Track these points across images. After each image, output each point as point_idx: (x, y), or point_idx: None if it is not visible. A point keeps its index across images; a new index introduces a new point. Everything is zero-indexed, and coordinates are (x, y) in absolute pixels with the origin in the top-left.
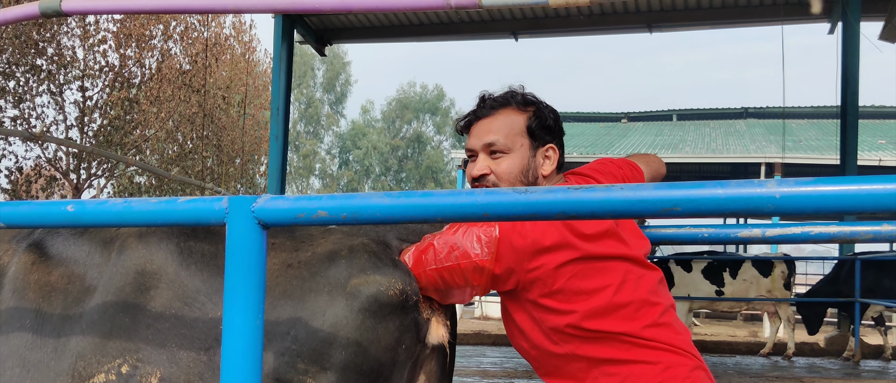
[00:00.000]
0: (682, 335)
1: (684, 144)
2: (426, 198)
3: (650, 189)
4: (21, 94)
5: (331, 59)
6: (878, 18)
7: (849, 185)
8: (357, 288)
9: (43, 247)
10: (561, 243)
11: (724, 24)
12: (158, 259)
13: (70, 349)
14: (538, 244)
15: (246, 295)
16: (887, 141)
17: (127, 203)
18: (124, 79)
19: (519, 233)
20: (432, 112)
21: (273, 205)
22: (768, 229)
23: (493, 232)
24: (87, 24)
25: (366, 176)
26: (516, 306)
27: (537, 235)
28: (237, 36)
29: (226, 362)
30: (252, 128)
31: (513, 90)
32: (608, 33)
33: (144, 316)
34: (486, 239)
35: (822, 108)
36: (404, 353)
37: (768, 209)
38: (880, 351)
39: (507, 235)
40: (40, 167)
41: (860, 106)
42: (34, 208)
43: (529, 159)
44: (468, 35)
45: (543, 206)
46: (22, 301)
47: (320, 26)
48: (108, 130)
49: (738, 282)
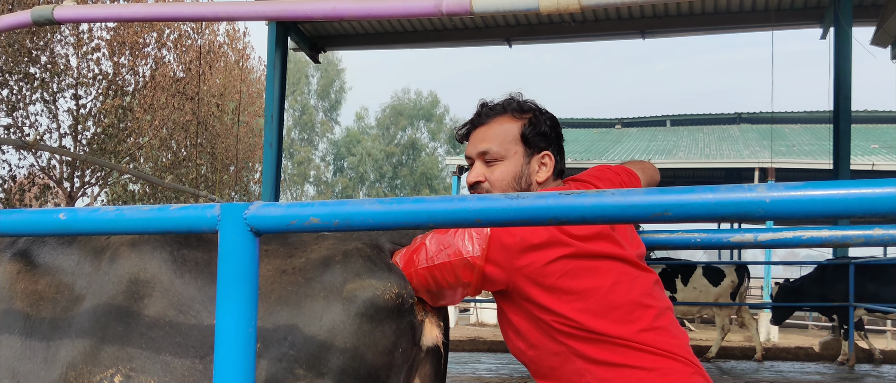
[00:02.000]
0: (679, 339)
1: (678, 150)
2: (418, 204)
3: (641, 194)
4: (14, 103)
5: (325, 66)
6: (869, 24)
7: (839, 189)
8: (353, 293)
9: (28, 255)
10: (550, 240)
11: (716, 30)
12: (152, 267)
13: (60, 359)
14: (527, 242)
15: (238, 301)
16: (880, 145)
17: (119, 211)
18: (118, 87)
19: (508, 231)
20: (427, 118)
21: (265, 212)
22: (761, 233)
23: (485, 230)
24: (80, 32)
25: (360, 183)
26: (512, 307)
27: (526, 233)
28: (231, 43)
29: (218, 369)
30: (246, 136)
31: (511, 97)
32: (602, 40)
33: (138, 324)
34: (477, 236)
35: (816, 113)
36: (400, 357)
37: (759, 213)
38: (873, 355)
39: (497, 233)
40: (34, 176)
41: (853, 111)
42: (26, 216)
43: (523, 166)
44: (462, 41)
45: (535, 212)
46: (9, 310)
47: (314, 33)
48: (102, 138)
49: (689, 289)
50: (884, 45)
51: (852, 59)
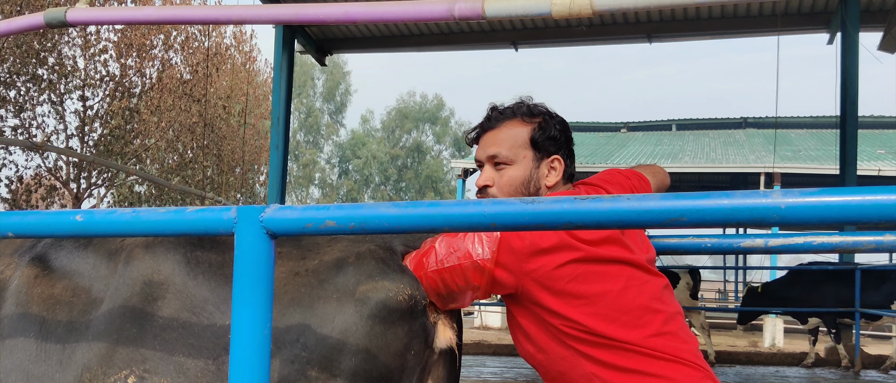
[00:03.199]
0: (689, 344)
1: (684, 154)
2: (433, 207)
3: (656, 199)
4: (22, 104)
5: (331, 68)
6: (877, 29)
7: (852, 196)
8: (366, 295)
9: (46, 260)
10: (560, 244)
11: (723, 35)
12: (166, 269)
13: (76, 361)
14: (536, 245)
15: (254, 303)
16: (886, 151)
17: (136, 213)
18: (125, 88)
19: (517, 235)
20: (432, 121)
21: (281, 214)
22: (771, 239)
23: (494, 233)
24: (88, 34)
25: (365, 185)
26: (521, 310)
27: (535, 237)
28: (238, 46)
29: (234, 370)
30: (252, 138)
31: (521, 101)
32: (608, 43)
33: (152, 326)
34: (487, 240)
35: (822, 118)
36: (413, 359)
37: (773, 219)
38: (881, 361)
39: (507, 236)
40: (40, 176)
41: (859, 116)
42: (43, 218)
43: (532, 170)
44: (469, 45)
45: (550, 216)
46: (25, 314)
47: (321, 36)
48: (109, 140)
49: None
50: (891, 50)
51: (859, 64)
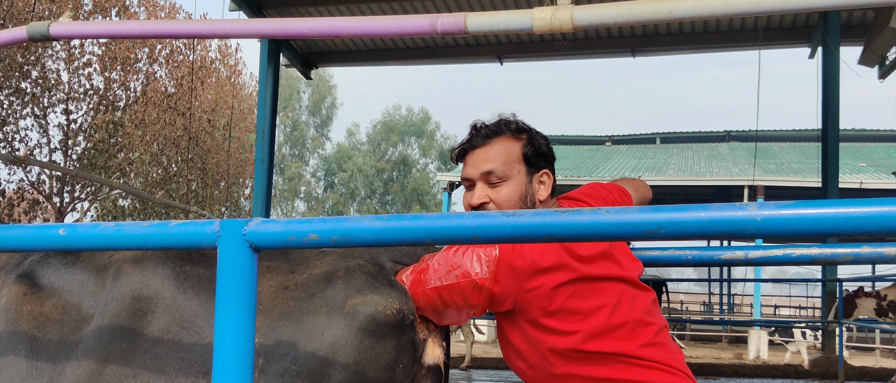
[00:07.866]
0: (676, 355)
1: (668, 167)
2: (416, 220)
3: (635, 212)
4: (4, 117)
5: (317, 82)
6: (857, 44)
7: (829, 208)
8: (355, 309)
9: (34, 277)
10: (559, 264)
11: (705, 49)
12: (155, 284)
13: (66, 378)
14: (536, 265)
15: (237, 316)
16: (868, 163)
17: (119, 226)
18: (109, 102)
19: (518, 254)
20: (418, 135)
21: (264, 228)
22: (751, 251)
23: (494, 251)
24: (72, 47)
25: (351, 198)
26: (513, 327)
27: (536, 256)
28: (223, 59)
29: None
30: (237, 152)
31: (505, 118)
32: (593, 58)
33: (142, 341)
34: (486, 258)
35: (804, 132)
36: (401, 373)
37: (750, 232)
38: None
39: (507, 256)
40: (23, 190)
41: (841, 129)
42: (25, 232)
43: (527, 185)
44: (454, 58)
45: (531, 229)
46: (15, 332)
47: (306, 50)
48: (93, 153)
49: None
50: (871, 65)
51: (840, 78)
